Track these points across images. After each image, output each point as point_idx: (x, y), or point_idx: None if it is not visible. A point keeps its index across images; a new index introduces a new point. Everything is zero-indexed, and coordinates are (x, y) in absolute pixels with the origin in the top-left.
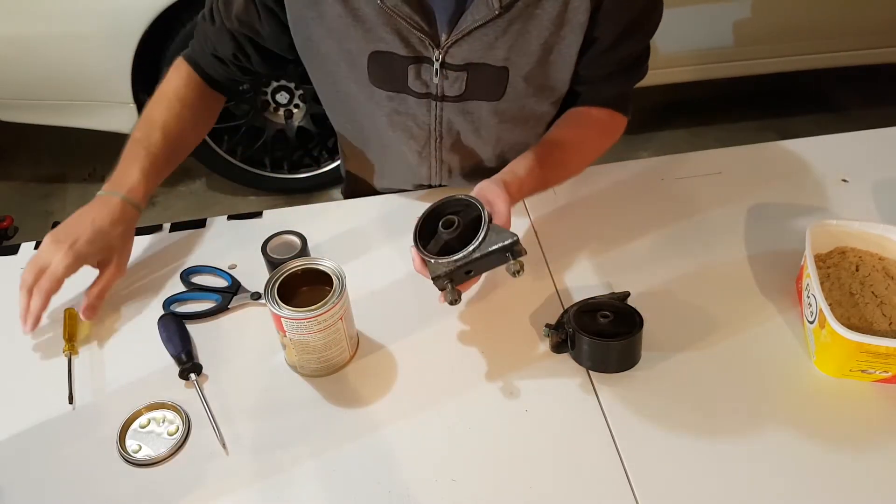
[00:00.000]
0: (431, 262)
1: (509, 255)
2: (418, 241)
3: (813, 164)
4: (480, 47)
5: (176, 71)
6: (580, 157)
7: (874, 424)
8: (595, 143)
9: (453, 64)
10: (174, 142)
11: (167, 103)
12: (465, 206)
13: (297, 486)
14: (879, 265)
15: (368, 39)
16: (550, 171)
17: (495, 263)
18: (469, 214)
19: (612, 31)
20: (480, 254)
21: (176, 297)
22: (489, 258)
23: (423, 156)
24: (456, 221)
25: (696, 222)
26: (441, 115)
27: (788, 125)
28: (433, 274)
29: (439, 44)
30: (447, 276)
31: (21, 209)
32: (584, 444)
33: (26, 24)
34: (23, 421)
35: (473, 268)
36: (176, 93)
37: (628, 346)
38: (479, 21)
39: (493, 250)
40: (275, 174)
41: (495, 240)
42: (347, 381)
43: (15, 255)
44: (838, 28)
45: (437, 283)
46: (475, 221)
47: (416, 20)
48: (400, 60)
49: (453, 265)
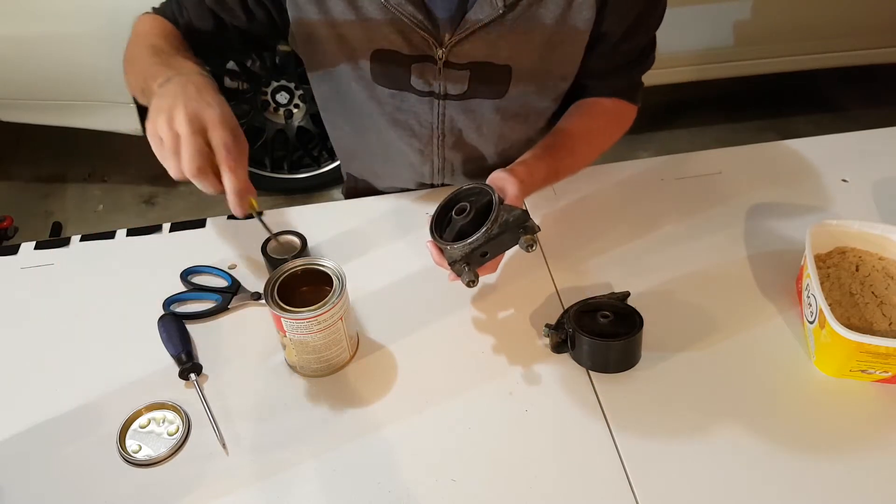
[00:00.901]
0: (447, 248)
1: (521, 231)
2: (434, 231)
3: (813, 164)
4: (484, 46)
5: (150, 19)
6: (590, 146)
7: (874, 424)
8: (605, 132)
9: (456, 63)
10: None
11: (150, 38)
12: (477, 193)
13: (297, 486)
14: (879, 265)
15: (371, 38)
16: (561, 159)
17: (509, 243)
18: (480, 200)
19: (619, 25)
20: (493, 234)
21: (176, 297)
22: (502, 237)
23: (424, 154)
24: (468, 207)
25: (696, 222)
26: (443, 113)
27: (788, 125)
28: (450, 260)
29: (443, 43)
30: (464, 260)
31: (21, 209)
32: (584, 444)
33: (26, 24)
34: (23, 421)
35: (489, 249)
36: (158, 31)
37: (628, 346)
38: (483, 20)
39: (505, 229)
40: (275, 174)
41: (507, 219)
42: (347, 381)
43: (15, 255)
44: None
45: (454, 269)
46: (487, 206)
47: (419, 19)
48: (403, 59)
49: (468, 248)
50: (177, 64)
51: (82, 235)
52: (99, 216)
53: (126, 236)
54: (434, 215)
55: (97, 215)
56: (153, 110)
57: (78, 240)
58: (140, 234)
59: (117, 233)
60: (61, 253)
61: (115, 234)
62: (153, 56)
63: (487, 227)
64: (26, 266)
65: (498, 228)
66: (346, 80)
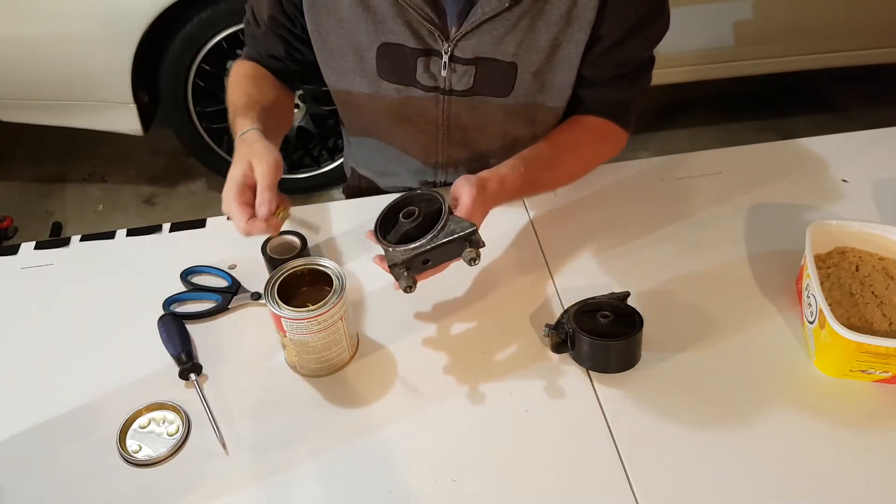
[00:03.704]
0: (389, 250)
1: (467, 244)
2: (378, 232)
3: (813, 164)
4: (490, 41)
5: (239, 65)
6: (571, 161)
7: (874, 424)
8: (589, 149)
9: (462, 57)
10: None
11: (245, 82)
12: (428, 199)
13: (297, 486)
14: (879, 265)
15: (378, 31)
16: (538, 171)
17: (453, 253)
18: (431, 207)
19: (617, 29)
20: (438, 242)
21: (176, 297)
22: (447, 247)
23: (429, 151)
24: (416, 211)
25: (696, 222)
26: (448, 109)
27: (788, 125)
28: (390, 262)
29: (449, 37)
30: (404, 265)
31: (21, 209)
32: (584, 444)
33: (26, 24)
34: (23, 421)
35: (431, 257)
36: (249, 73)
37: (628, 346)
38: (489, 13)
39: (450, 239)
40: None
41: (454, 229)
42: (347, 381)
43: (15, 255)
44: (838, 28)
45: (393, 272)
46: (437, 213)
47: (426, 12)
48: (409, 53)
49: (410, 253)
50: (240, 124)
51: (82, 235)
52: (99, 216)
53: (126, 236)
54: (381, 215)
55: (97, 215)
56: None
57: (78, 240)
58: (140, 234)
59: (117, 233)
60: (61, 253)
61: (115, 234)
62: (232, 113)
63: (433, 235)
64: (26, 266)
65: (444, 237)
66: (353, 76)
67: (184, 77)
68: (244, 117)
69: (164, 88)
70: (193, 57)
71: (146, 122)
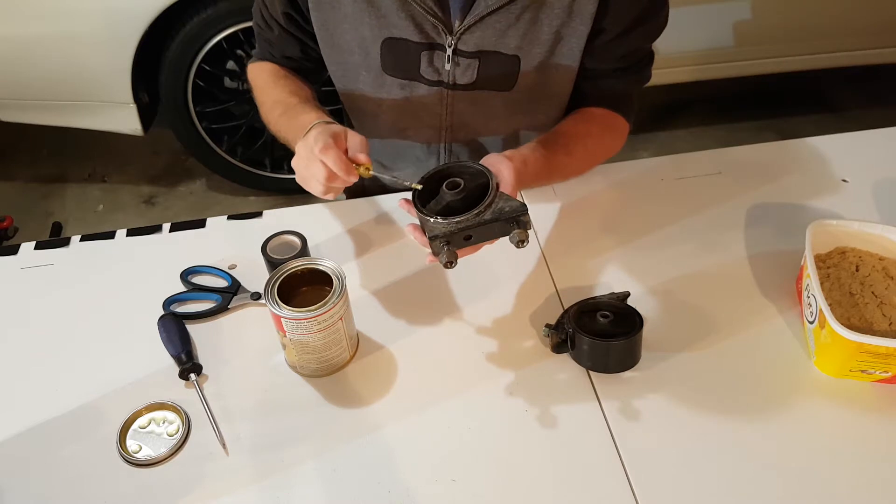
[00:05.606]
0: (430, 220)
1: (514, 224)
2: (417, 201)
3: (813, 164)
4: (493, 34)
5: (262, 66)
6: (584, 149)
7: (874, 424)
8: (598, 138)
9: (465, 51)
10: (312, 97)
11: (283, 81)
12: (472, 172)
13: (297, 486)
14: (879, 265)
15: (382, 25)
16: (556, 156)
17: (497, 233)
18: (474, 181)
19: (618, 21)
20: (484, 219)
21: (176, 297)
22: (493, 225)
23: (432, 147)
24: (461, 183)
25: (696, 222)
26: (452, 104)
27: (788, 125)
28: (430, 234)
29: (452, 30)
30: (444, 238)
31: (21, 209)
32: (584, 444)
33: (26, 24)
34: (23, 421)
35: (475, 233)
36: (280, 72)
37: (628, 346)
38: (493, 6)
39: (498, 217)
40: (275, 174)
41: (502, 207)
42: (347, 381)
43: (15, 255)
44: (838, 28)
45: (432, 244)
46: (480, 188)
47: (429, 5)
48: (413, 47)
49: (454, 227)
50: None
51: (82, 235)
52: (99, 216)
53: (126, 236)
54: (421, 182)
55: (97, 215)
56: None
57: (78, 240)
58: (140, 234)
59: (117, 233)
60: (61, 253)
61: (115, 234)
62: (282, 108)
63: (479, 210)
64: (26, 266)
65: (490, 215)
66: (357, 71)
67: (184, 77)
68: (306, 113)
69: (163, 88)
70: (193, 57)
71: (146, 122)
